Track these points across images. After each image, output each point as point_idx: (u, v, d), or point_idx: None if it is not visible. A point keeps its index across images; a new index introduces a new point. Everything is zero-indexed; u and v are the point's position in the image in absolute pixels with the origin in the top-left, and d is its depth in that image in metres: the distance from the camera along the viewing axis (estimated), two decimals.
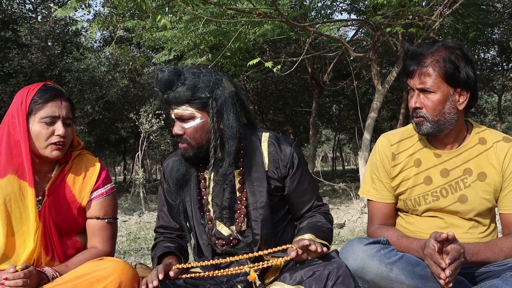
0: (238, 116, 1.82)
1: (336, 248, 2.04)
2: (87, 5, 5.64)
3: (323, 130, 27.39)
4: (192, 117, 1.78)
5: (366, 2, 6.08)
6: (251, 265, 1.73)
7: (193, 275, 1.75)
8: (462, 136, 1.89)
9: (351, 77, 10.18)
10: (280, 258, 1.72)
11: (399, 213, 2.03)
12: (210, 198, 1.87)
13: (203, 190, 1.89)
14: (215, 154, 1.80)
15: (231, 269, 1.73)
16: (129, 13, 6.55)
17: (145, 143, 8.95)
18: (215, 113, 1.78)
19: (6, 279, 1.59)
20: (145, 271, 2.28)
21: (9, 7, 12.83)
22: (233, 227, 1.85)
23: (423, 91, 1.79)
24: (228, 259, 1.74)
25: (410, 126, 1.98)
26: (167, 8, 6.14)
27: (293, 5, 7.23)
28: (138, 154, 8.97)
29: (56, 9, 5.59)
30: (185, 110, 1.77)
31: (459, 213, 1.87)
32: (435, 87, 1.77)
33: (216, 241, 1.86)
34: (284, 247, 1.71)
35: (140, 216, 7.73)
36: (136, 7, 5.59)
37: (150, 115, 9.16)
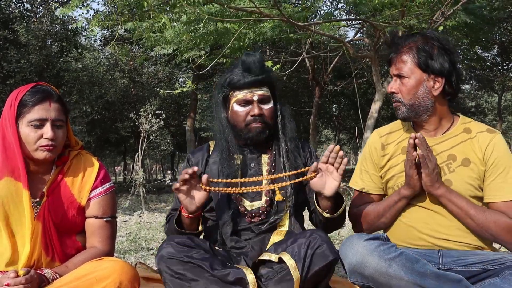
0: None
1: (336, 246, 2.04)
2: (86, 3, 5.61)
3: (323, 130, 27.40)
4: (269, 100, 2.02)
5: (368, 3, 6.06)
6: (272, 185, 1.90)
7: (217, 189, 1.88)
8: (446, 125, 1.96)
9: (352, 77, 10.18)
10: (302, 178, 1.86)
11: None
12: (239, 178, 2.00)
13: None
14: (284, 131, 2.04)
15: (253, 187, 1.89)
16: (128, 13, 6.54)
17: (145, 143, 8.94)
18: (278, 98, 2.07)
19: (7, 285, 1.58)
20: (145, 271, 2.28)
21: (7, 7, 12.82)
22: (257, 202, 1.99)
23: (399, 76, 1.92)
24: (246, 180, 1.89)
25: (399, 120, 2.08)
26: (167, 7, 6.14)
27: (295, 6, 7.22)
28: (138, 154, 8.95)
29: (57, 7, 5.57)
30: (266, 92, 2.01)
31: None
32: (408, 72, 1.89)
33: (243, 213, 1.99)
34: (307, 168, 1.87)
35: (140, 216, 7.72)
36: (136, 6, 5.58)
37: (150, 115, 9.14)
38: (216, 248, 1.95)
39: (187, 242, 1.78)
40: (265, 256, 1.79)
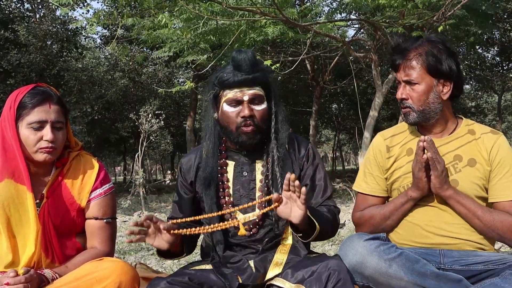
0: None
1: (336, 247, 2.04)
2: (86, 3, 5.62)
3: (323, 130, 27.40)
4: (262, 100, 1.89)
5: (368, 3, 6.06)
6: (241, 218, 1.80)
7: (187, 231, 1.75)
8: (451, 127, 1.97)
9: (351, 77, 10.18)
10: (267, 208, 1.77)
11: None
12: (231, 188, 1.93)
13: (225, 182, 1.94)
14: (277, 136, 1.90)
15: (221, 224, 1.78)
16: (128, 10, 6.53)
17: (145, 143, 8.93)
18: (275, 99, 1.93)
19: (7, 284, 1.58)
20: (145, 271, 2.27)
21: (7, 7, 12.82)
22: (251, 214, 1.89)
23: (408, 83, 1.90)
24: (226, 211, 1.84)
25: (402, 123, 2.08)
26: (167, 5, 6.13)
27: (297, 9, 7.19)
28: (138, 154, 8.95)
29: (57, 7, 5.58)
30: (259, 91, 1.88)
31: None
32: (419, 78, 1.88)
33: (236, 227, 1.89)
34: (270, 196, 1.77)
35: (140, 217, 7.72)
36: (138, 2, 5.58)
37: (150, 115, 9.14)
38: (206, 267, 1.86)
39: None
40: (278, 282, 1.72)
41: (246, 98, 1.85)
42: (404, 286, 1.65)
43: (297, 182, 1.67)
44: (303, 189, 1.67)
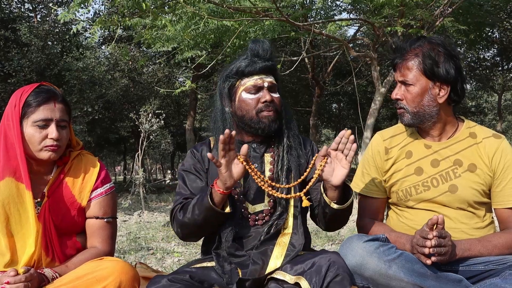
0: None
1: (336, 246, 2.04)
2: (87, 5, 5.61)
3: (323, 129, 27.40)
4: (276, 89, 1.95)
5: (368, 3, 6.08)
6: (298, 193, 1.83)
7: (251, 167, 1.79)
8: (451, 130, 1.94)
9: (351, 76, 10.18)
10: (315, 174, 1.79)
11: (392, 207, 2.06)
12: (241, 180, 1.91)
13: None
14: (287, 125, 1.97)
15: (284, 194, 1.83)
16: (128, 12, 6.53)
17: (145, 142, 8.93)
18: (280, 91, 1.99)
19: (7, 283, 1.58)
20: (145, 271, 2.28)
21: (8, 7, 12.81)
22: (259, 205, 1.90)
23: (404, 83, 1.88)
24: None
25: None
26: (166, 7, 6.14)
27: (294, 5, 7.16)
28: (138, 154, 8.95)
29: (56, 9, 5.60)
30: (274, 80, 1.95)
31: (450, 203, 1.89)
32: (414, 79, 1.85)
33: (246, 216, 1.89)
34: (309, 167, 1.84)
35: (140, 216, 7.73)
36: (137, 6, 5.60)
37: (150, 115, 9.14)
38: (208, 265, 1.85)
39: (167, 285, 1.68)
40: (279, 275, 1.71)
41: (266, 84, 1.90)
42: (404, 287, 1.65)
43: (352, 137, 1.72)
44: (354, 145, 1.72)
